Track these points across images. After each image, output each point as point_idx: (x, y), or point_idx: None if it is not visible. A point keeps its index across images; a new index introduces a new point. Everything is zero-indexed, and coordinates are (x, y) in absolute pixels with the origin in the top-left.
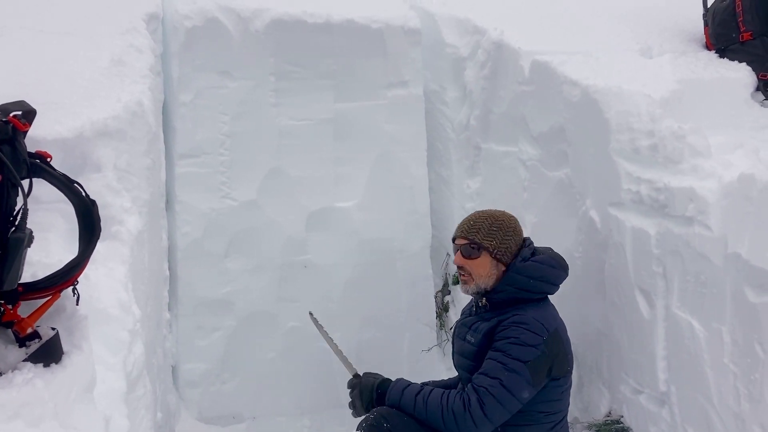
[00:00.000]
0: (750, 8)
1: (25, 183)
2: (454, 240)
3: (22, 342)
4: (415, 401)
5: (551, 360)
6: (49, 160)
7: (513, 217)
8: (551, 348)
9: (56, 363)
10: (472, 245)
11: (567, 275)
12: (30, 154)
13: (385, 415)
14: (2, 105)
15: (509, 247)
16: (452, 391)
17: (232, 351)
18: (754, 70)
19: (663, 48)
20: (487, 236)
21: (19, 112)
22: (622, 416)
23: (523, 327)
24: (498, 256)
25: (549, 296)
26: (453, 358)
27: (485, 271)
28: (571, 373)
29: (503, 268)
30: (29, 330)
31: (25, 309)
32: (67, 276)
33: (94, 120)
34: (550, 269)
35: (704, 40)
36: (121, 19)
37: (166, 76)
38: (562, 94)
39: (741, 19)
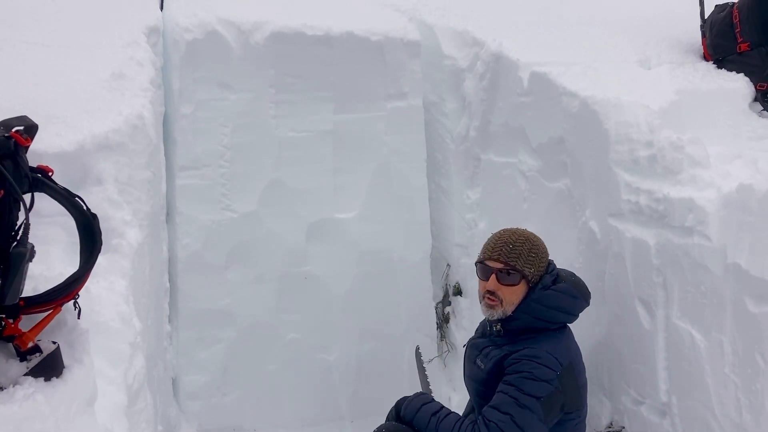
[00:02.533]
0: (747, 19)
1: (27, 197)
2: (483, 261)
3: (23, 356)
4: (429, 420)
5: (565, 395)
6: (50, 174)
7: (540, 238)
8: (565, 383)
9: (57, 377)
10: (511, 271)
11: (588, 304)
12: (31, 169)
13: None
14: (4, 120)
15: (541, 275)
16: (466, 419)
17: (233, 363)
18: (751, 80)
19: (661, 59)
20: (528, 262)
21: (21, 127)
22: (624, 427)
23: (536, 361)
24: (532, 283)
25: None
26: (464, 378)
27: (518, 298)
28: (586, 404)
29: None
30: (30, 344)
31: (26, 323)
32: (68, 289)
33: (95, 133)
34: (570, 299)
35: (702, 51)
36: (121, 32)
37: (167, 89)
38: (561, 105)
39: (738, 30)
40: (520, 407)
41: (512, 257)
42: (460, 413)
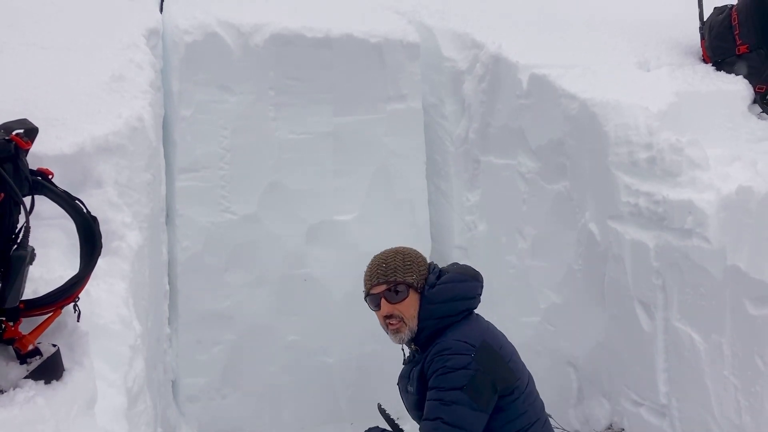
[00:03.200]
0: (746, 21)
1: (27, 200)
2: (369, 293)
3: (23, 359)
4: None
5: (490, 374)
6: (50, 177)
7: (411, 248)
8: (484, 362)
9: (57, 380)
10: (397, 287)
11: (482, 284)
12: (32, 172)
13: None
14: (4, 123)
15: (425, 278)
16: None
17: (233, 365)
18: (750, 82)
19: (660, 61)
20: (406, 271)
21: (21, 130)
22: (623, 429)
23: (446, 354)
24: (421, 289)
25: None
26: (408, 413)
27: (414, 308)
28: (525, 381)
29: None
30: (30, 347)
31: (26, 326)
32: (68, 292)
33: (95, 136)
34: (461, 285)
35: (701, 53)
36: (121, 34)
37: (167, 91)
38: (561, 107)
39: (737, 32)
40: (446, 405)
41: (390, 273)
42: None
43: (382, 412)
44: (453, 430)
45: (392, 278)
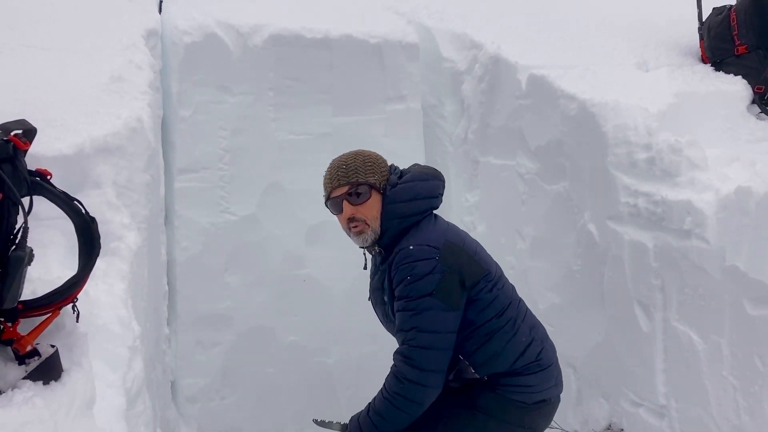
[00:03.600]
0: (745, 22)
1: (26, 201)
2: (330, 197)
3: (21, 360)
4: (371, 420)
5: (457, 273)
6: (49, 177)
7: (371, 150)
8: (449, 262)
9: (56, 380)
10: (358, 188)
11: (443, 183)
12: (30, 172)
13: None
14: (3, 124)
15: (387, 178)
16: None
17: (232, 366)
18: (749, 83)
19: (659, 62)
20: (367, 172)
21: (20, 131)
22: (623, 429)
23: (409, 261)
24: (383, 190)
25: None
26: (385, 327)
27: (377, 209)
28: (493, 271)
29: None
30: (29, 347)
31: (24, 326)
32: (66, 293)
33: (94, 137)
34: (424, 183)
35: (700, 54)
36: (120, 35)
37: (166, 92)
38: (560, 108)
39: (736, 32)
40: (419, 314)
41: (351, 175)
42: None
43: (321, 423)
44: (430, 335)
45: (353, 179)
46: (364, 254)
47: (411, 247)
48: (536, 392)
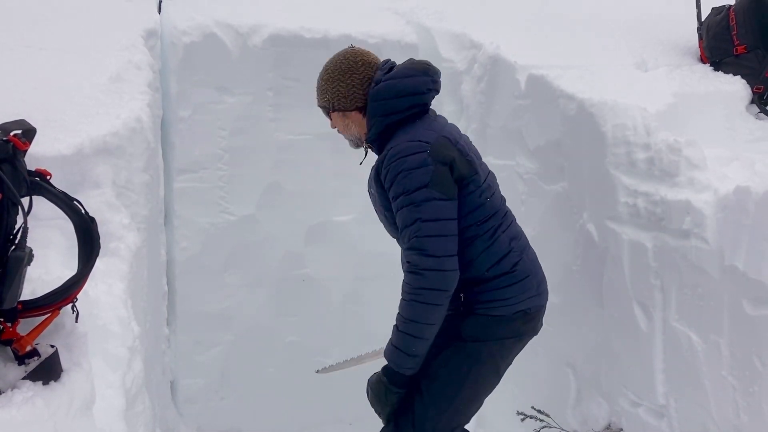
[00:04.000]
0: (744, 22)
1: (25, 201)
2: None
3: (21, 360)
4: (404, 332)
5: (448, 165)
6: (48, 178)
7: (351, 52)
8: (441, 155)
9: (55, 380)
10: (322, 110)
11: (433, 78)
12: (30, 172)
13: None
14: (3, 124)
15: (349, 92)
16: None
17: (231, 366)
18: (748, 83)
19: (658, 61)
20: (321, 95)
21: (19, 131)
22: (622, 429)
23: (400, 156)
24: (340, 107)
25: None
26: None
27: (342, 123)
28: (483, 177)
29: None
30: (28, 348)
31: (24, 326)
32: (66, 293)
33: (93, 137)
34: (408, 80)
35: (699, 54)
36: (119, 35)
37: (165, 92)
38: (559, 108)
39: (735, 32)
40: (419, 206)
41: (318, 97)
42: None
43: (324, 370)
44: (435, 223)
45: (318, 103)
46: (365, 150)
47: (399, 145)
48: (514, 303)
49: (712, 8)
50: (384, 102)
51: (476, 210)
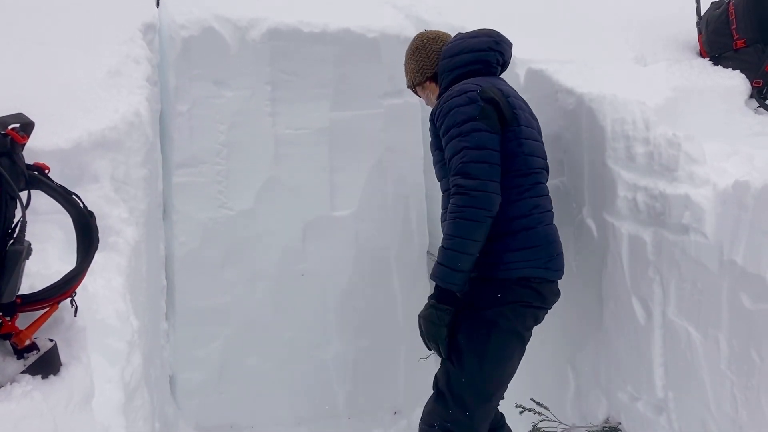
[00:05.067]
0: (743, 16)
1: (24, 195)
2: None
3: (20, 354)
4: (449, 249)
5: (495, 105)
6: (47, 172)
7: (419, 35)
8: (488, 94)
9: (54, 374)
10: (411, 90)
11: (496, 39)
12: (28, 166)
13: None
14: (1, 118)
15: (419, 66)
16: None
17: (229, 360)
18: (747, 77)
19: (657, 56)
20: (405, 76)
21: (18, 125)
22: (620, 423)
23: (453, 96)
24: (417, 81)
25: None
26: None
27: (424, 96)
28: (525, 134)
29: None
30: (27, 342)
31: (23, 321)
32: (65, 287)
33: (92, 131)
34: (472, 39)
35: (698, 48)
36: (117, 29)
37: (163, 86)
38: (558, 102)
39: (734, 27)
40: (466, 135)
41: (406, 80)
42: None
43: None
44: (480, 151)
45: (407, 85)
46: None
47: (454, 89)
48: (515, 269)
49: (712, 2)
50: (450, 58)
51: (511, 159)
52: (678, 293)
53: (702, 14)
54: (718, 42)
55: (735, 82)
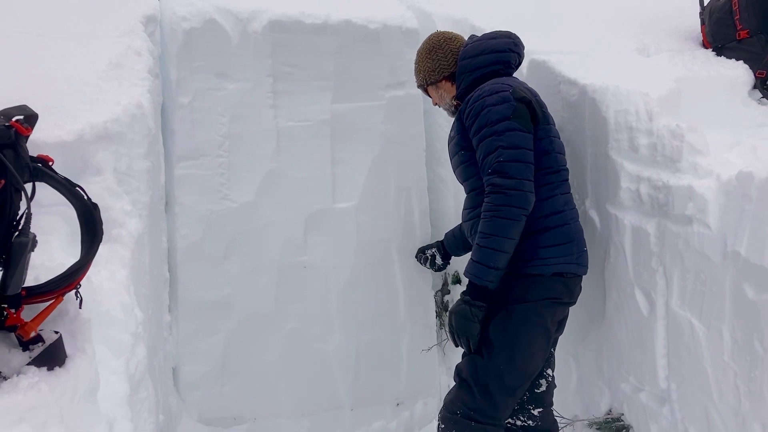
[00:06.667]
0: (746, 6)
1: (28, 187)
2: None
3: (25, 346)
4: (484, 247)
5: (527, 104)
6: (51, 164)
7: (434, 34)
8: (520, 95)
9: (60, 366)
10: (422, 91)
11: (515, 41)
12: (32, 158)
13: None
14: (4, 109)
15: (435, 65)
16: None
17: (232, 353)
18: (750, 67)
19: (660, 47)
20: (416, 77)
21: (21, 117)
22: (623, 414)
23: (484, 95)
24: (431, 81)
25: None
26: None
27: (437, 97)
28: (553, 133)
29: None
30: (32, 334)
31: (28, 313)
32: (69, 279)
33: (94, 123)
34: (492, 40)
35: (701, 39)
36: (119, 21)
37: (165, 79)
38: (560, 93)
39: (738, 17)
40: (501, 135)
41: (417, 79)
42: None
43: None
44: (515, 150)
45: (417, 84)
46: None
47: (484, 87)
48: (551, 264)
49: None
50: (470, 60)
51: (543, 156)
52: (681, 284)
53: (705, 4)
54: (721, 32)
55: (738, 72)
